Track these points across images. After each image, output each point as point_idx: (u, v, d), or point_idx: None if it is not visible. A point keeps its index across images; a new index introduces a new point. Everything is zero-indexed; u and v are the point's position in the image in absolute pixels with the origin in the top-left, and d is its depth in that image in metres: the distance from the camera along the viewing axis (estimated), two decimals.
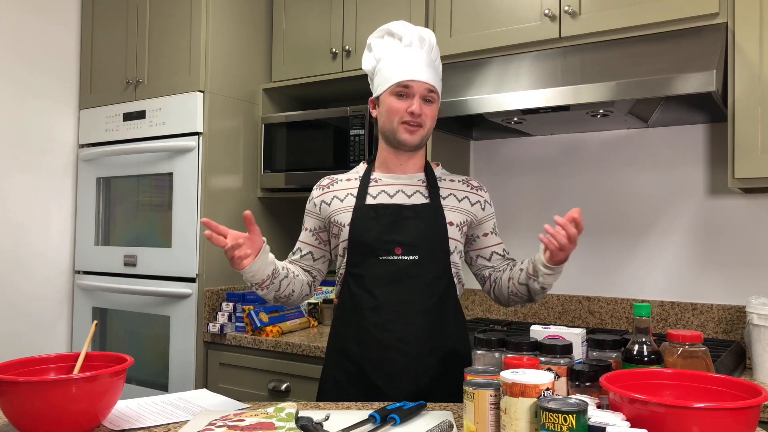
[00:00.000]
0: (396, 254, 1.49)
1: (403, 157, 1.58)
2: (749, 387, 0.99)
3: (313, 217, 1.63)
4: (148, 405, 1.33)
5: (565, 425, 0.89)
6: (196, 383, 2.44)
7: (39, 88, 2.80)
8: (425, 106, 1.52)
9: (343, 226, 1.54)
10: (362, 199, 1.55)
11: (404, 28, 1.56)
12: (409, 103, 1.50)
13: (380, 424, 1.15)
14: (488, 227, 1.63)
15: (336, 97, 2.83)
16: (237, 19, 2.64)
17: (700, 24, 1.87)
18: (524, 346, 1.20)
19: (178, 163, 2.54)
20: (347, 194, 1.58)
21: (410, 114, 1.50)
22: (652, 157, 2.27)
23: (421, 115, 1.51)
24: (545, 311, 2.43)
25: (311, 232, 1.64)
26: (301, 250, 1.66)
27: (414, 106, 1.49)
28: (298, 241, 1.67)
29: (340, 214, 1.56)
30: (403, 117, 1.51)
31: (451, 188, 1.60)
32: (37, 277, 2.78)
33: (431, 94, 1.52)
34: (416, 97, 1.50)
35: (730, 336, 2.10)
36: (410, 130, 1.51)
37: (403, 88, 1.50)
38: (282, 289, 1.56)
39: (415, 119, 1.50)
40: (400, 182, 1.58)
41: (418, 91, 1.50)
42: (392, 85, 1.51)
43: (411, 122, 1.51)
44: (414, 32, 1.55)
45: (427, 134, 1.55)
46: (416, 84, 1.50)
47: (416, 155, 1.59)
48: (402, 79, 1.50)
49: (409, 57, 1.51)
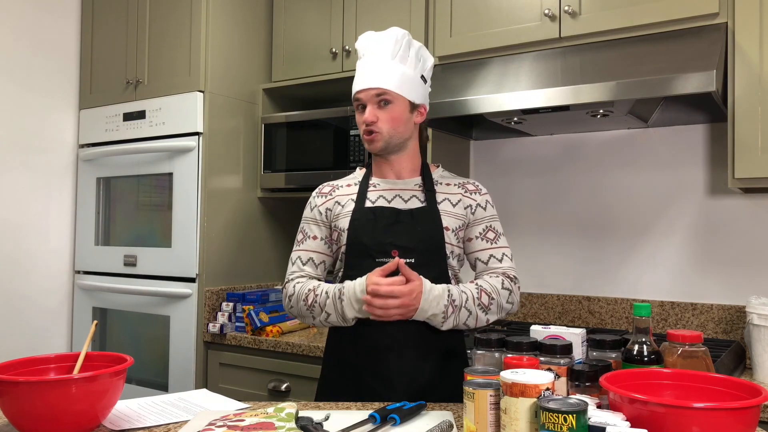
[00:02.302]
0: (393, 256, 1.49)
1: (392, 163, 1.60)
2: (749, 387, 0.99)
3: (321, 225, 1.61)
4: (149, 405, 1.33)
5: (565, 425, 0.89)
6: (196, 383, 2.44)
7: (39, 88, 2.80)
8: (379, 111, 1.53)
9: (344, 231, 1.55)
10: (361, 203, 1.56)
11: (361, 41, 1.59)
12: (364, 114, 1.55)
13: (380, 424, 1.16)
14: (474, 232, 1.57)
15: (336, 97, 2.83)
16: (237, 19, 2.64)
17: (700, 24, 1.87)
18: (524, 346, 1.20)
19: (178, 163, 2.54)
20: (348, 200, 1.59)
21: (364, 124, 1.55)
22: (652, 157, 2.27)
23: (374, 122, 1.53)
24: (545, 311, 2.43)
25: (322, 241, 1.61)
26: (314, 260, 1.61)
27: (365, 115, 1.53)
28: (306, 252, 1.61)
29: (342, 219, 1.56)
30: (362, 128, 1.56)
31: (446, 192, 1.59)
32: (37, 277, 2.78)
33: (383, 97, 1.53)
34: (368, 106, 1.54)
35: (730, 336, 2.10)
36: (368, 139, 1.56)
37: (357, 102, 1.56)
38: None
39: (369, 127, 1.53)
40: (398, 187, 1.58)
41: (367, 100, 1.54)
42: (353, 101, 1.58)
43: (365, 131, 1.55)
44: (369, 40, 1.57)
45: (389, 137, 1.54)
46: (363, 94, 1.54)
47: (404, 159, 1.60)
48: (353, 93, 1.57)
49: (360, 69, 1.57)
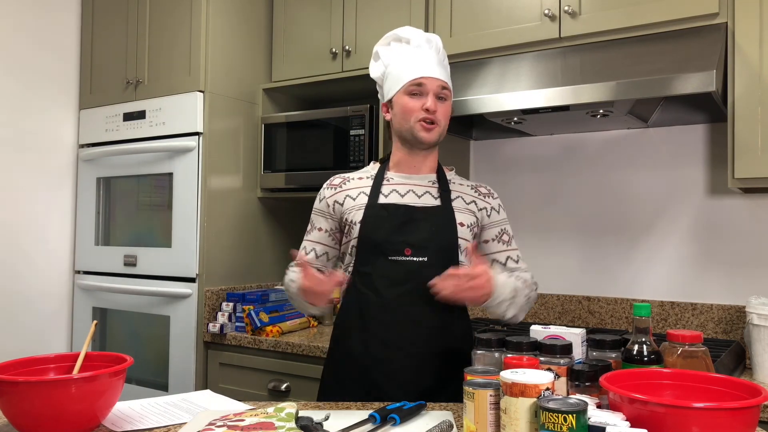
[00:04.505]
0: (405, 255, 1.49)
1: (418, 158, 1.59)
2: (749, 387, 0.99)
3: (327, 218, 1.61)
4: (151, 406, 1.33)
5: (565, 425, 0.89)
6: (196, 383, 2.44)
7: (39, 88, 2.80)
8: (439, 104, 1.53)
9: (355, 224, 1.54)
10: (375, 198, 1.55)
11: (412, 32, 1.59)
12: (423, 101, 1.51)
13: (380, 424, 1.16)
14: (491, 234, 1.62)
15: (336, 97, 2.83)
16: (237, 19, 2.63)
17: (700, 24, 1.87)
18: (524, 346, 1.20)
19: (178, 163, 2.54)
20: (359, 192, 1.58)
21: (425, 111, 1.50)
22: (652, 157, 2.27)
23: (436, 112, 1.51)
24: (545, 311, 2.43)
25: (327, 233, 1.62)
26: (316, 251, 1.63)
27: (429, 102, 1.50)
28: (311, 242, 1.63)
29: (353, 212, 1.56)
30: (418, 115, 1.51)
31: (459, 191, 1.60)
32: (37, 277, 2.78)
33: (444, 92, 1.54)
34: (430, 95, 1.51)
35: (730, 336, 2.10)
36: (427, 128, 1.52)
37: (416, 87, 1.51)
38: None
39: (431, 116, 1.51)
40: (412, 182, 1.58)
41: (431, 89, 1.51)
42: (405, 84, 1.52)
43: (426, 119, 1.51)
44: (421, 35, 1.58)
45: (443, 132, 1.56)
46: (429, 81, 1.51)
47: (430, 156, 1.60)
48: (415, 77, 1.51)
49: (419, 56, 1.53)
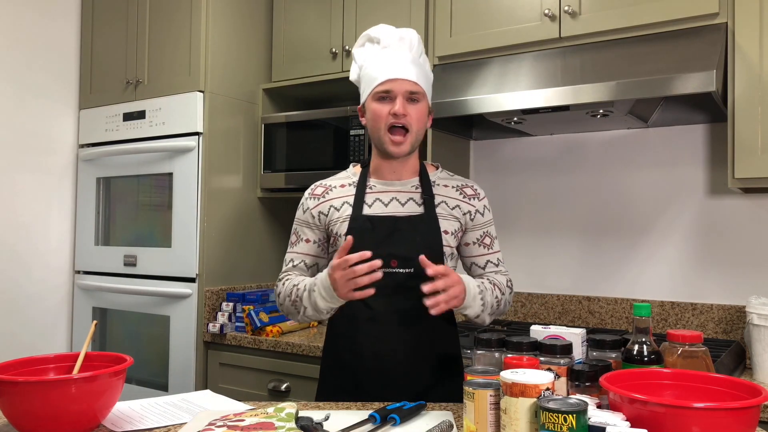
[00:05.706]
0: (392, 267, 1.46)
1: (395, 164, 1.54)
2: (749, 387, 0.99)
3: (314, 228, 1.58)
4: (151, 406, 1.33)
5: (565, 425, 0.89)
6: (196, 383, 2.44)
7: (39, 88, 2.79)
8: (409, 107, 1.47)
9: (340, 237, 1.51)
10: (359, 210, 1.51)
11: (382, 31, 1.53)
12: (392, 105, 1.46)
13: (380, 424, 1.16)
14: (472, 237, 1.58)
15: (336, 97, 2.83)
16: (237, 19, 2.63)
17: (700, 24, 1.87)
18: (524, 346, 1.20)
19: (178, 163, 2.54)
20: (343, 203, 1.54)
21: (393, 116, 1.45)
22: (652, 157, 2.27)
23: (406, 116, 1.46)
24: (545, 311, 2.43)
25: (315, 243, 1.59)
26: (306, 263, 1.59)
27: (396, 106, 1.45)
28: (299, 254, 1.59)
29: (338, 224, 1.53)
30: (388, 120, 1.46)
31: (444, 195, 1.56)
32: (37, 277, 2.78)
33: (414, 95, 1.47)
34: (398, 98, 1.45)
35: (730, 336, 2.10)
36: (395, 141, 1.47)
37: (384, 92, 1.47)
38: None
39: (399, 120, 1.45)
40: (395, 189, 1.54)
41: (399, 92, 1.46)
42: (373, 88, 1.48)
43: (396, 124, 1.46)
44: (393, 33, 1.52)
45: (415, 139, 1.50)
46: (396, 84, 1.45)
47: (410, 160, 1.55)
48: (381, 80, 1.46)
49: (387, 58, 1.48)
